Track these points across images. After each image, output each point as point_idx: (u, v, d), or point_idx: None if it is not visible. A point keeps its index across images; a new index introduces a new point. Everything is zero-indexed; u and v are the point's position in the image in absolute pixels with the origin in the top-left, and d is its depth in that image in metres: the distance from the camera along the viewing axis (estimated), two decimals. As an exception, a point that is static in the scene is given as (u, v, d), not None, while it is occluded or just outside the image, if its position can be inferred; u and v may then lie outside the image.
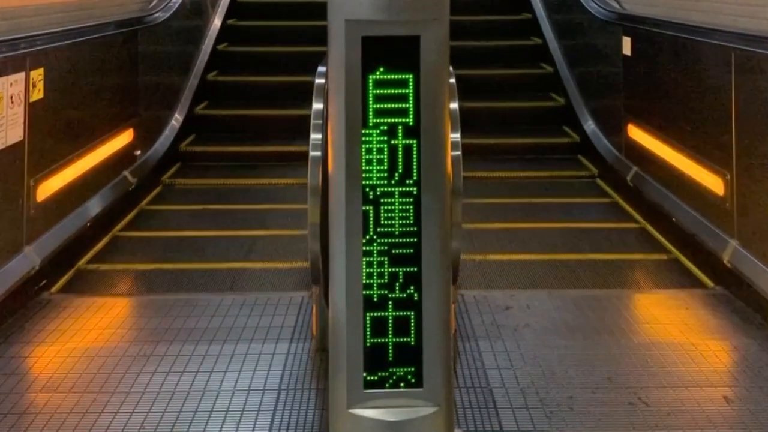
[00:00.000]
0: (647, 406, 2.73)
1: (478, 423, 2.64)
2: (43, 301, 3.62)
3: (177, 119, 6.18)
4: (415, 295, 2.09)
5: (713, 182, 3.99)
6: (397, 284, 2.09)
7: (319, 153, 2.78)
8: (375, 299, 2.09)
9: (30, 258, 3.67)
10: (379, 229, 2.09)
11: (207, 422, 2.64)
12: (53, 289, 3.87)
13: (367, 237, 2.08)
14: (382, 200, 2.09)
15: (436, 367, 2.07)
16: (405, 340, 2.10)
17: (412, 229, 2.09)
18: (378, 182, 2.08)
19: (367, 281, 2.09)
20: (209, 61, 6.95)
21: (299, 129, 5.05)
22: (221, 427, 2.61)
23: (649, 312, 3.52)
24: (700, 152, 4.16)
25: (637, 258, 4.38)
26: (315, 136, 2.86)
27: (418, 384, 2.07)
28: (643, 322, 3.40)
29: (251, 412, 2.71)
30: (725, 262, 3.74)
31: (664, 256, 4.36)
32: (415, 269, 2.09)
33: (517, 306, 3.56)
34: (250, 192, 5.52)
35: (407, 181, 2.09)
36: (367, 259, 2.08)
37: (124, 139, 5.06)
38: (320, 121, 2.86)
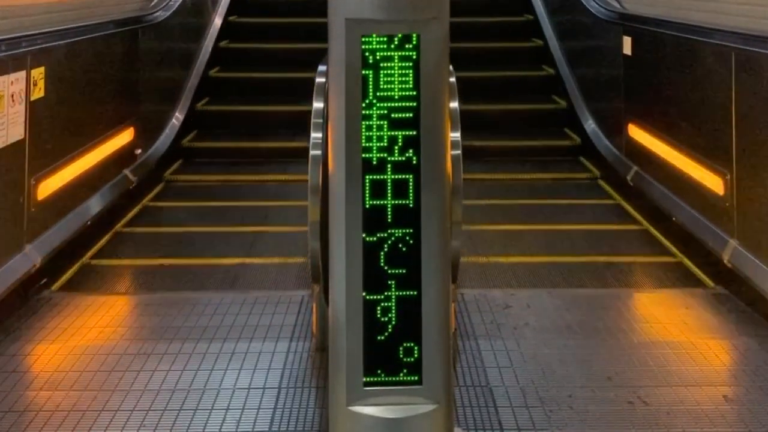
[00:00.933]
0: (647, 405, 2.73)
1: (478, 422, 2.64)
2: (44, 299, 3.63)
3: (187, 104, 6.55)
4: (414, 158, 2.08)
5: (713, 182, 3.99)
6: (396, 148, 2.08)
7: (319, 152, 2.78)
8: (374, 162, 2.07)
9: (30, 256, 3.68)
10: (378, 93, 2.07)
11: (207, 420, 2.65)
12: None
13: (366, 102, 2.06)
14: (381, 64, 2.07)
15: (435, 365, 2.07)
16: (404, 202, 2.08)
17: (411, 93, 2.07)
18: (378, 47, 2.06)
19: (366, 144, 2.06)
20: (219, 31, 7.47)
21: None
22: (221, 426, 2.62)
23: (649, 311, 3.52)
24: (700, 152, 4.16)
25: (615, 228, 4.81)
26: (315, 135, 2.86)
27: (418, 381, 2.08)
28: (642, 322, 3.40)
29: (251, 410, 2.71)
30: (725, 261, 3.74)
31: (662, 254, 4.40)
32: (414, 133, 2.07)
33: (516, 305, 3.56)
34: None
35: (406, 46, 2.07)
36: (366, 123, 2.06)
37: (125, 137, 5.06)
38: (320, 120, 2.87)
